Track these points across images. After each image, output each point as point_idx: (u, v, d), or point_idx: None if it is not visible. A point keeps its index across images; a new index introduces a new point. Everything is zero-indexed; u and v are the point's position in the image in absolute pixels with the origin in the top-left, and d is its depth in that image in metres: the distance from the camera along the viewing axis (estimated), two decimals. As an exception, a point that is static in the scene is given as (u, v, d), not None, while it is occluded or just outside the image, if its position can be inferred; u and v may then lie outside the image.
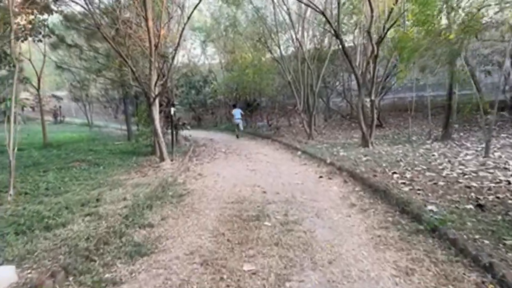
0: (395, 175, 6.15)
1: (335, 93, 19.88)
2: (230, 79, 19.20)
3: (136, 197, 5.45)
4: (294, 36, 13.07)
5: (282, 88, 18.02)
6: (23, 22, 10.61)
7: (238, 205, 5.09)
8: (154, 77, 8.71)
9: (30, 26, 10.75)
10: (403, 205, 4.52)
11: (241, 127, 17.34)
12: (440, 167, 6.60)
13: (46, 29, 11.87)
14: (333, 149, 10.40)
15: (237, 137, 16.42)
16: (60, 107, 26.82)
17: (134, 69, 8.50)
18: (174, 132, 13.30)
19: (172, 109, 9.44)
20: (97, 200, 5.38)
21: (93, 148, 12.51)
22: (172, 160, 8.99)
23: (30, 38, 11.42)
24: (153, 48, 8.48)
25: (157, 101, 8.83)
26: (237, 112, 16.85)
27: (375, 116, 10.84)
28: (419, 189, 5.08)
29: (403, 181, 5.67)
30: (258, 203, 5.15)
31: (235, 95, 20.48)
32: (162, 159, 8.88)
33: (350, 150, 9.91)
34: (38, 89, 14.72)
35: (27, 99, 30.16)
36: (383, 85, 13.49)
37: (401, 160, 7.58)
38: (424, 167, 6.65)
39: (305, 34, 14.23)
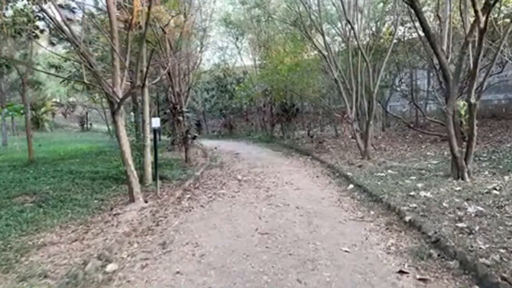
0: None
1: (396, 95, 15.67)
2: (260, 78, 15.79)
3: None
4: (343, 12, 9.22)
5: (328, 90, 14.28)
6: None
7: None
8: (118, 73, 5.60)
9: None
10: None
11: None
12: None
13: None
14: (405, 181, 6.61)
15: None
16: (86, 113, 25.36)
17: (85, 58, 5.42)
18: (184, 146, 10.25)
19: (154, 120, 6.25)
20: None
21: (80, 169, 9.80)
22: (146, 202, 5.78)
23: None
24: (115, 28, 5.38)
25: (121, 109, 5.71)
26: None
27: (474, 128, 6.80)
28: None
29: None
30: None
31: (269, 98, 17.03)
32: (132, 199, 5.73)
33: (434, 185, 6.12)
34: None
35: (56, 105, 29.48)
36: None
37: None
38: None
39: (358, 15, 10.41)
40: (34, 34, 6.98)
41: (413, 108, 16.80)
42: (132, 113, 9.63)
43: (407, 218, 4.51)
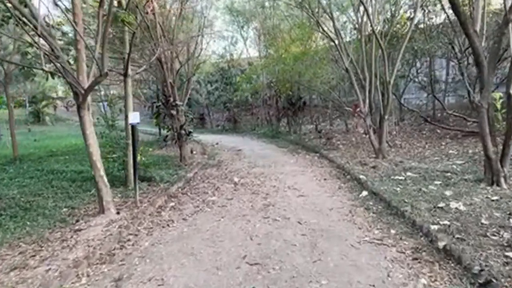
0: None
1: (411, 87, 14.41)
2: (263, 68, 14.65)
3: None
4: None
5: (337, 81, 13.15)
6: None
7: None
8: (83, 59, 4.64)
9: None
10: None
11: None
12: None
13: None
14: (428, 187, 5.57)
15: None
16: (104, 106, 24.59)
17: (46, 41, 4.47)
18: (178, 144, 9.30)
19: (132, 115, 5.29)
20: None
21: (63, 168, 8.96)
22: (118, 213, 4.84)
23: None
24: (76, 3, 4.40)
25: (88, 102, 4.75)
26: None
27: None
28: None
29: None
30: None
31: (274, 91, 15.91)
32: (101, 209, 4.80)
33: (465, 192, 5.11)
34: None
35: (59, 98, 28.75)
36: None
37: None
38: None
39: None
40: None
41: (430, 101, 15.56)
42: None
43: (440, 244, 3.46)
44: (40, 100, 25.07)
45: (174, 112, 8.86)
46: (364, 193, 5.72)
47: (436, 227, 3.93)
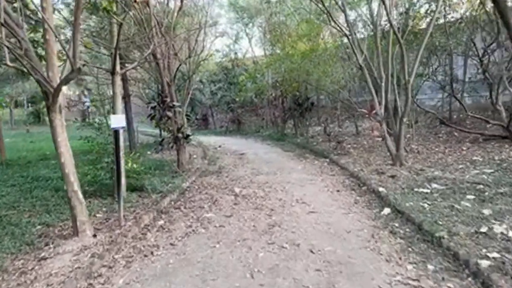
0: None
1: (424, 87, 13.47)
2: (268, 66, 13.80)
3: None
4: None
5: (347, 81, 12.29)
6: None
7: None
8: (54, 52, 3.90)
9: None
10: None
11: None
12: None
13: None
14: (461, 203, 4.74)
15: None
16: (88, 107, 23.93)
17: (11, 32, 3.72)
18: (175, 148, 8.54)
19: (114, 118, 4.53)
20: None
21: (50, 174, 8.23)
22: (95, 235, 4.07)
23: None
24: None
25: (60, 102, 4.00)
26: None
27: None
28: None
29: None
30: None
31: (280, 91, 15.07)
32: (75, 231, 4.03)
33: (508, 211, 4.26)
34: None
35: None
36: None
37: None
38: None
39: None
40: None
41: (445, 102, 14.65)
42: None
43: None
44: (40, 100, 24.51)
45: (170, 113, 8.09)
46: (386, 210, 4.89)
47: (486, 262, 3.10)
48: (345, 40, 9.68)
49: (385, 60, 8.13)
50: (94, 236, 4.05)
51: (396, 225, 4.32)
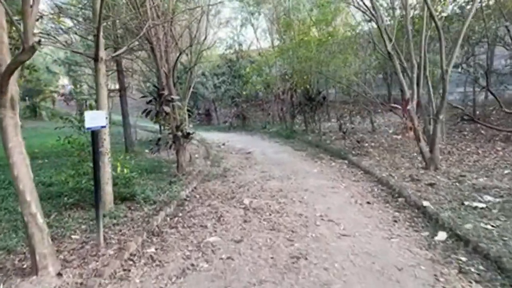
0: None
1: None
2: (279, 55, 12.60)
3: None
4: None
5: (364, 72, 11.12)
6: None
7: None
8: (4, 28, 2.83)
9: None
10: None
11: None
12: None
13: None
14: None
15: None
16: (85, 100, 22.93)
17: None
18: (174, 148, 7.48)
19: (89, 116, 3.47)
20: None
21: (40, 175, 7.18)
22: (60, 274, 3.01)
23: None
24: None
25: (12, 94, 2.92)
26: None
27: None
28: None
29: None
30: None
31: (289, 84, 13.88)
32: (34, 267, 2.98)
33: None
34: None
35: (55, 91, 27.14)
36: None
37: None
38: None
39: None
40: None
41: (465, 97, 13.46)
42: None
43: None
44: (36, 93, 23.50)
45: (168, 108, 7.00)
46: (442, 235, 3.79)
47: None
48: (365, 27, 8.55)
49: (416, 48, 6.99)
50: (59, 275, 3.00)
51: (463, 259, 3.23)
